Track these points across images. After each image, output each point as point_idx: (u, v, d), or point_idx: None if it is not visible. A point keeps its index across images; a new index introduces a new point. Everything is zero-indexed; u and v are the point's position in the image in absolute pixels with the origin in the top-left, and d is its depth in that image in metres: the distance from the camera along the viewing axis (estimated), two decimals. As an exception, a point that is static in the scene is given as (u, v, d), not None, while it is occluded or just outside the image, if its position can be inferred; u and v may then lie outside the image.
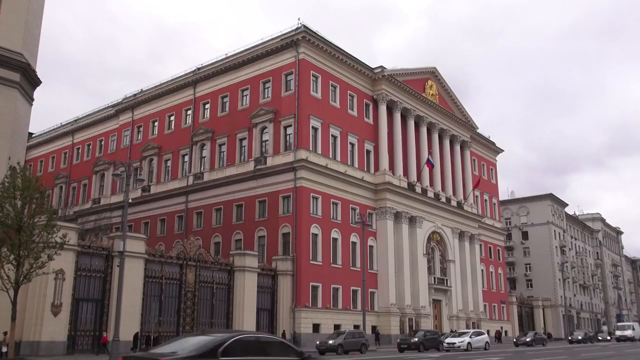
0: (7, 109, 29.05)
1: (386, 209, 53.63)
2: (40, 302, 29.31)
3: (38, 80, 32.66)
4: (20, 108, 30.37)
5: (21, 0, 30.78)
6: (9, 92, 29.31)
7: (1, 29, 29.44)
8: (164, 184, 57.68)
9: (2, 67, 29.00)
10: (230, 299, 39.80)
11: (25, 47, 30.68)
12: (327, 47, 51.02)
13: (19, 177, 25.62)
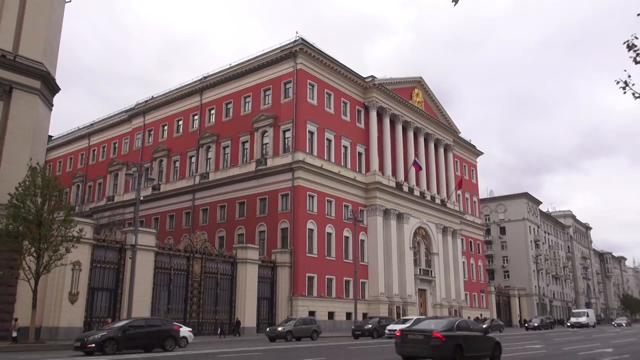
0: (28, 113, 28.99)
1: (376, 206, 53.69)
2: (59, 291, 29.26)
3: (57, 87, 32.58)
4: (40, 113, 30.32)
5: (42, 14, 30.72)
6: (31, 98, 29.26)
7: (23, 40, 29.41)
8: (173, 183, 57.60)
9: (24, 75, 28.97)
10: (233, 289, 39.81)
11: (45, 57, 30.61)
12: (323, 58, 51.05)
13: (39, 177, 25.61)
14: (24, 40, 29.29)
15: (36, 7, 30.29)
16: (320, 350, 24.36)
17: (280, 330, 32.77)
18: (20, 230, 24.47)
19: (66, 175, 70.19)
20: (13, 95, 28.49)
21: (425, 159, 64.23)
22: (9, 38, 28.82)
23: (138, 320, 24.54)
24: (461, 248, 69.41)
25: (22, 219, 24.27)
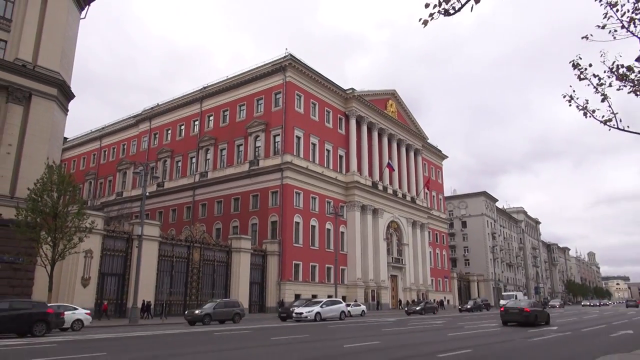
0: (45, 117, 28.57)
1: (354, 203, 53.84)
2: (73, 276, 28.97)
3: (72, 94, 32.10)
4: (56, 117, 29.86)
5: (58, 29, 30.27)
6: (48, 104, 28.83)
7: (42, 52, 28.98)
8: (175, 180, 57.13)
9: (42, 83, 28.55)
10: (228, 274, 39.68)
11: (62, 67, 30.15)
12: (309, 72, 51.09)
13: (55, 174, 25.31)
14: (42, 51, 28.87)
15: (53, 22, 29.85)
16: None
17: (197, 313, 27.39)
18: (38, 222, 24.14)
19: (80, 173, 69.36)
20: (32, 101, 28.05)
21: (397, 162, 64.56)
22: (29, 50, 28.39)
23: (1, 303, 18.91)
24: (428, 239, 69.90)
25: (39, 212, 23.95)
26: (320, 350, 13.68)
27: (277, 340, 16.86)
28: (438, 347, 14.36)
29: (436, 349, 13.77)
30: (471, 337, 18.27)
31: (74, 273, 29.01)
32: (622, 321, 30.91)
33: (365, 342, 15.78)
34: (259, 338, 17.71)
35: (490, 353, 13.09)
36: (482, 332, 21.10)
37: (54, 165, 26.14)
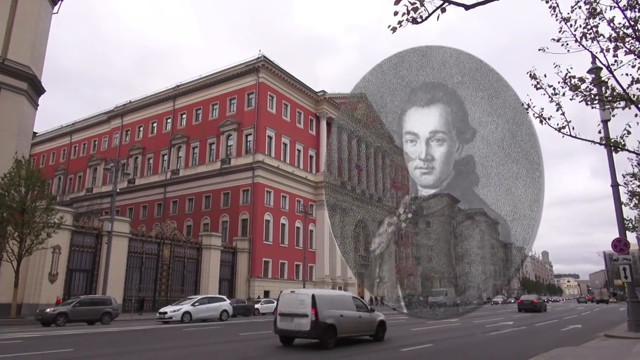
0: (15, 111, 27.63)
1: (324, 202, 54.06)
2: (39, 271, 28.12)
3: (42, 89, 31.12)
4: (26, 111, 28.92)
5: (30, 23, 29.31)
6: (17, 98, 27.90)
7: (12, 46, 28.03)
8: (147, 177, 56.06)
9: (12, 77, 27.63)
10: (198, 271, 39.22)
11: (32, 62, 29.20)
12: (282, 74, 51.02)
13: (23, 169, 24.53)
14: (12, 45, 27.91)
15: (25, 16, 28.89)
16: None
17: (49, 312, 22.05)
18: (5, 217, 23.35)
19: (49, 169, 67.20)
20: (1, 95, 27.10)
21: (366, 163, 65.12)
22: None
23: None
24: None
25: (6, 207, 23.19)
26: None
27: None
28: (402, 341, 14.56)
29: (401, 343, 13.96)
30: (432, 332, 18.63)
31: (41, 269, 28.16)
32: (572, 316, 32.10)
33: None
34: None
35: (450, 347, 13.41)
36: (444, 327, 21.54)
37: (22, 160, 25.33)
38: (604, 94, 10.55)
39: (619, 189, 18.23)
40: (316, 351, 11.95)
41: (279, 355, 11.42)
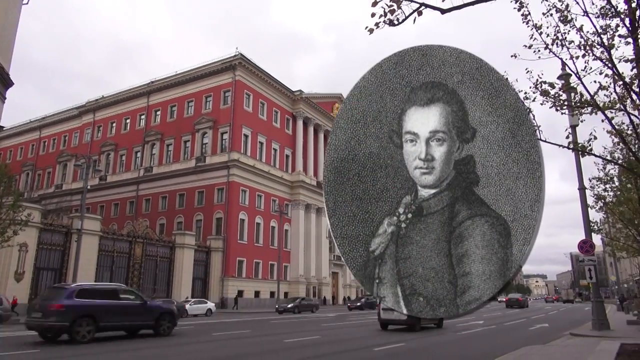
0: (-20, 105, 26.63)
1: (299, 201, 54.01)
2: (5, 270, 27.21)
3: (11, 82, 30.05)
4: (-8, 105, 27.91)
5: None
6: (-17, 90, 26.88)
7: (-22, 36, 26.99)
8: (119, 174, 54.94)
9: (-23, 69, 26.58)
10: (171, 270, 38.63)
11: (0, 53, 28.23)
12: (258, 72, 50.77)
13: (-11, 164, 23.66)
14: (-22, 36, 26.89)
15: (-8, 6, 27.89)
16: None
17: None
18: (-32, 213, 22.47)
19: (16, 164, 65.00)
20: (-35, 87, 26.07)
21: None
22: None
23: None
24: (368, 238, 71.28)
25: (-30, 203, 22.30)
26: None
27: None
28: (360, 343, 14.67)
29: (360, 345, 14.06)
30: (404, 331, 18.82)
31: (6, 267, 27.26)
32: (539, 315, 32.92)
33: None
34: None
35: (421, 346, 13.57)
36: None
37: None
38: (572, 99, 10.85)
39: (586, 192, 18.81)
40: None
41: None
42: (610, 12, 11.25)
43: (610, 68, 11.29)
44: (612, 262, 75.23)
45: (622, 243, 28.08)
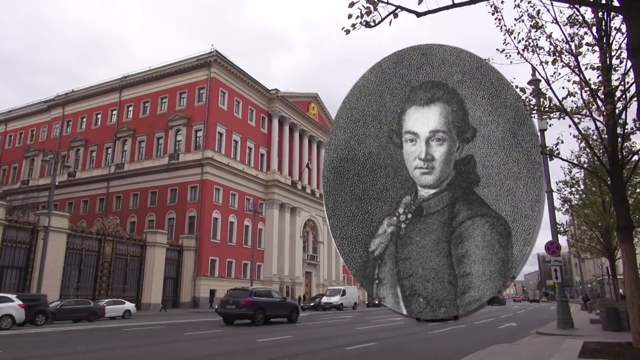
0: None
1: (274, 201, 53.82)
2: (-34, 268, 26.18)
3: (-26, 74, 29.08)
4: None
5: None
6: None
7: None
8: (89, 171, 53.63)
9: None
10: (141, 269, 37.92)
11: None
12: (234, 70, 50.37)
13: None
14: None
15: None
16: None
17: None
18: None
19: (-21, 158, 62.82)
20: None
21: (317, 163, 65.50)
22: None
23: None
24: (342, 238, 71.55)
25: None
26: None
27: None
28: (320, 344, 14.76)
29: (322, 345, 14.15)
30: (377, 330, 19.01)
31: (-32, 265, 26.26)
32: (508, 314, 33.71)
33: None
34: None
35: (393, 345, 13.72)
36: (389, 325, 22.02)
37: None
38: (541, 104, 11.16)
39: (553, 195, 19.38)
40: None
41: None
42: (578, 21, 11.65)
43: (577, 75, 11.68)
44: (577, 262, 77.56)
45: (586, 244, 29.06)
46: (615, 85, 11.18)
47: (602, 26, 11.17)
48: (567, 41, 11.56)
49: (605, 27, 11.10)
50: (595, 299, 37.86)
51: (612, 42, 11.00)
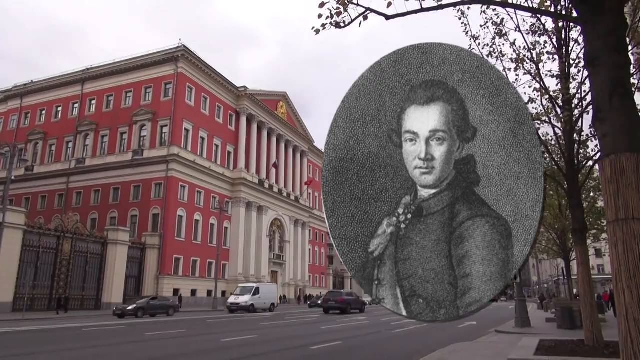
0: None
1: (240, 199, 53.38)
2: None
3: None
4: None
5: None
6: None
7: None
8: (48, 165, 51.74)
9: None
10: (102, 268, 36.87)
11: None
12: (202, 66, 49.63)
13: None
14: None
15: None
16: None
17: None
18: None
19: None
20: None
21: (284, 162, 65.33)
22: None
23: None
24: (309, 237, 71.71)
25: None
26: None
27: None
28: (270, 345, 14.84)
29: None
30: (342, 330, 19.16)
31: None
32: (469, 314, 34.49)
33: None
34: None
35: (358, 344, 13.88)
36: (353, 325, 22.24)
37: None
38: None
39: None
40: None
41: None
42: (540, 30, 12.10)
43: (538, 82, 12.13)
44: (534, 263, 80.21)
45: (544, 246, 30.14)
46: (573, 93, 11.68)
47: (562, 36, 11.65)
48: (529, 49, 12.01)
49: (564, 37, 11.58)
50: (551, 299, 39.29)
51: (571, 52, 11.49)
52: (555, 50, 11.74)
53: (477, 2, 3.79)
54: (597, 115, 2.69)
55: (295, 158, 69.77)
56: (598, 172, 12.27)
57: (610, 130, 2.58)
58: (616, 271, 2.42)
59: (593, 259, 62.50)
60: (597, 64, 2.66)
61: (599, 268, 68.16)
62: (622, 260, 2.38)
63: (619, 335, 2.39)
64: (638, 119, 2.60)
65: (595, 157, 12.32)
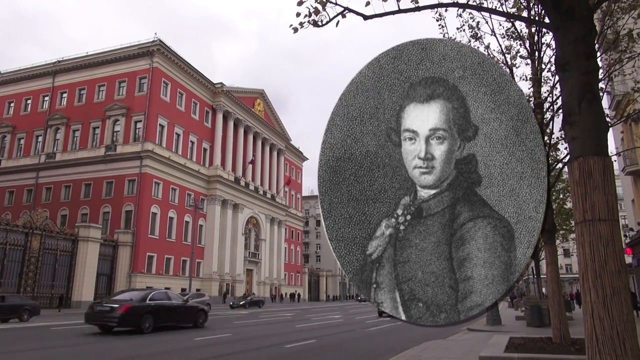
0: None
1: (216, 197, 52.91)
2: None
3: None
4: None
5: None
6: None
7: None
8: (16, 159, 50.19)
9: None
10: (72, 265, 35.99)
11: None
12: (178, 61, 48.94)
13: None
14: None
15: None
16: None
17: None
18: None
19: None
20: None
21: (261, 160, 65.03)
22: None
23: None
24: (284, 236, 71.55)
25: None
26: None
27: None
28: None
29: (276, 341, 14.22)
30: (316, 328, 19.23)
31: None
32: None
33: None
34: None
35: (332, 342, 13.96)
36: (327, 323, 22.33)
37: None
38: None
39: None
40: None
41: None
42: (514, 35, 12.38)
43: (511, 86, 12.42)
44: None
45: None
46: (545, 97, 12.00)
47: (535, 41, 11.95)
48: (503, 53, 12.28)
49: (537, 42, 11.88)
50: (520, 297, 40.22)
51: (543, 56, 11.80)
52: (529, 55, 12.04)
53: (453, 5, 3.86)
54: (567, 119, 2.75)
55: (272, 156, 69.53)
56: (567, 174, 12.61)
57: (579, 133, 2.65)
58: (583, 270, 2.49)
59: (561, 258, 64.33)
60: (568, 69, 2.73)
61: (567, 267, 70.14)
62: (588, 260, 2.45)
63: (585, 332, 2.47)
64: (605, 124, 2.69)
65: (564, 160, 12.68)
